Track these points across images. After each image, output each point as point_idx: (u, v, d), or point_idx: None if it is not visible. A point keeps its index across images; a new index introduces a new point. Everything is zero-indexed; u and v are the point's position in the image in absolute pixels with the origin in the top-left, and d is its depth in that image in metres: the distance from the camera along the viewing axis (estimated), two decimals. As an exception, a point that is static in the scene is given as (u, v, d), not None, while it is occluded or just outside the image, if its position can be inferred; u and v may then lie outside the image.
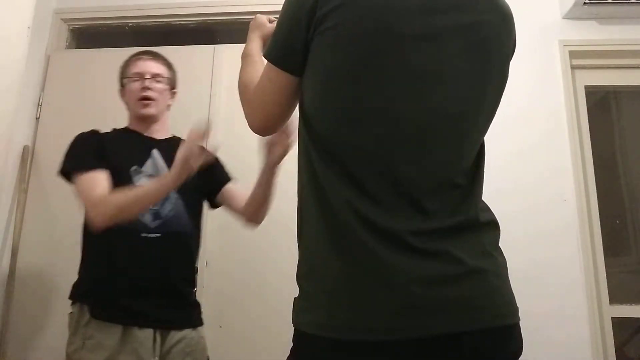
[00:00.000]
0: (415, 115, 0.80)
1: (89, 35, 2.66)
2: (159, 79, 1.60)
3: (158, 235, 1.45)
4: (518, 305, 0.87)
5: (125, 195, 1.36)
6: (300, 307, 0.84)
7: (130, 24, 2.60)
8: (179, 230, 1.52)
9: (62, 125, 2.37)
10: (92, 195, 1.39)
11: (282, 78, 0.88)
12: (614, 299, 2.10)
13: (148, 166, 1.53)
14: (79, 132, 1.59)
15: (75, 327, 1.41)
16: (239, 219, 1.66)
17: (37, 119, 2.40)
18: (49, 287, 2.17)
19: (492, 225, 0.89)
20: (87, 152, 1.51)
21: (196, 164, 1.31)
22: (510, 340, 0.83)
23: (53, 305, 2.15)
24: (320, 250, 0.80)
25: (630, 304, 2.12)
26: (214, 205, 1.72)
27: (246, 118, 0.97)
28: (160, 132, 1.63)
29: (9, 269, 2.17)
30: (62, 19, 2.57)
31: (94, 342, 1.36)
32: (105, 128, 2.31)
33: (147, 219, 1.45)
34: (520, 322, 0.96)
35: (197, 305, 1.59)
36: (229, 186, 1.68)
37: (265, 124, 0.95)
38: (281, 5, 0.90)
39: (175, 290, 1.50)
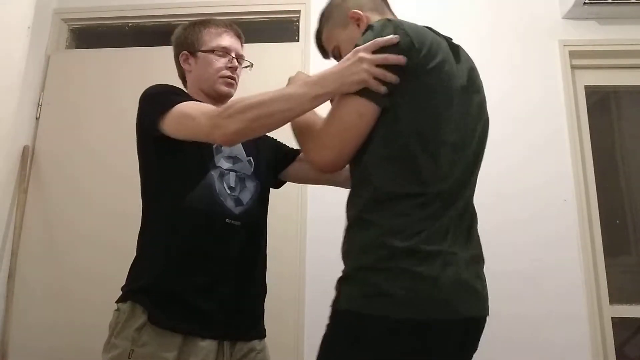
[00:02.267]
0: (465, 145, 1.02)
1: (89, 35, 2.66)
2: (241, 60, 1.46)
3: (239, 223, 1.29)
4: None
5: (267, 97, 1.08)
6: (369, 292, 0.89)
7: (130, 24, 2.61)
8: (258, 221, 1.38)
9: (62, 125, 2.38)
10: (205, 108, 1.17)
11: (372, 110, 0.97)
12: (614, 299, 2.10)
13: (227, 147, 1.35)
14: (147, 88, 1.33)
15: (122, 327, 1.19)
16: (324, 182, 1.48)
17: (37, 119, 2.40)
18: (49, 287, 2.18)
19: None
20: (173, 90, 1.31)
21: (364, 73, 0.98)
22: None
23: (53, 305, 2.15)
24: (400, 243, 0.91)
25: (630, 304, 2.12)
26: (280, 183, 1.57)
27: (310, 153, 1.03)
28: None
29: (9, 269, 2.17)
30: (62, 19, 2.57)
31: (146, 351, 1.15)
32: (105, 128, 2.34)
33: (230, 204, 1.29)
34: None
35: (263, 313, 1.40)
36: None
37: (338, 157, 1.00)
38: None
39: (251, 291, 1.33)
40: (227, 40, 1.42)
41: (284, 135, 1.35)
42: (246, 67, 1.51)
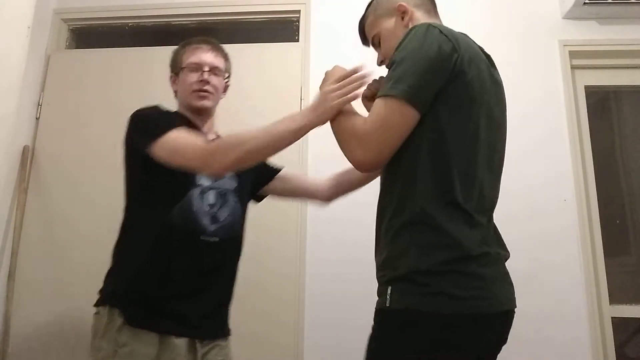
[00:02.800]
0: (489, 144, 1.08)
1: (89, 35, 2.66)
2: (217, 72, 1.51)
3: (216, 239, 1.38)
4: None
5: (251, 135, 1.19)
6: (426, 292, 0.94)
7: (130, 24, 2.61)
8: (235, 236, 1.46)
9: (62, 125, 2.38)
10: (198, 143, 1.24)
11: (413, 115, 1.00)
12: (614, 299, 2.10)
13: None
14: (138, 109, 1.41)
15: (104, 330, 1.29)
16: (304, 198, 1.60)
17: (37, 119, 2.40)
18: (49, 287, 2.18)
19: None
20: (164, 115, 1.39)
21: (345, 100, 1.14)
22: None
23: (53, 305, 2.15)
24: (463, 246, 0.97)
25: (630, 304, 2.12)
26: (260, 198, 1.64)
27: (352, 152, 1.04)
28: (211, 131, 1.53)
29: (9, 269, 2.17)
30: (62, 19, 2.57)
31: (128, 350, 1.25)
32: (105, 128, 2.34)
33: (206, 221, 1.37)
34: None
35: (229, 315, 1.51)
36: (285, 171, 1.60)
37: (380, 157, 1.02)
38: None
39: (221, 298, 1.44)
40: (197, 55, 1.50)
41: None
42: (226, 78, 1.56)
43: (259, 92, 2.32)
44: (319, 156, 2.17)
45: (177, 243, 1.33)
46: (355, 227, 2.09)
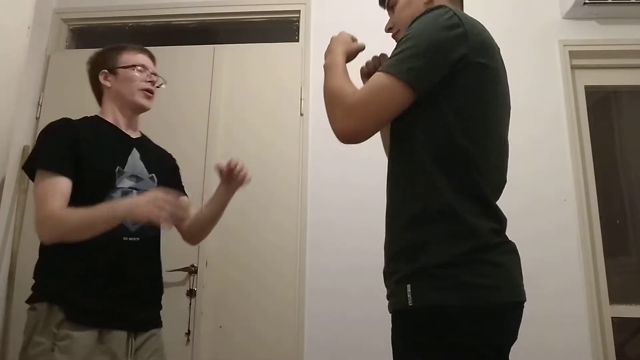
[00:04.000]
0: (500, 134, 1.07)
1: (89, 35, 2.66)
2: (156, 78, 1.61)
3: (137, 239, 1.43)
4: None
5: (77, 218, 1.31)
6: (447, 285, 0.92)
7: (130, 24, 2.61)
8: (154, 234, 1.52)
9: (62, 125, 2.38)
10: (46, 206, 1.34)
11: (408, 95, 0.98)
12: (614, 299, 2.10)
13: (129, 167, 1.48)
14: (50, 122, 1.51)
15: (43, 325, 1.32)
16: (179, 232, 1.64)
17: (37, 119, 2.40)
18: (49, 287, 2.17)
19: None
20: (58, 148, 1.42)
21: (154, 221, 1.28)
22: None
23: (53, 305, 2.15)
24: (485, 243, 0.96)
25: (630, 304, 2.12)
26: None
27: (336, 121, 1.02)
28: (136, 130, 1.60)
29: (8, 269, 2.17)
30: (62, 19, 2.58)
31: (68, 342, 1.29)
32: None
33: (128, 222, 1.41)
34: (521, 322, 1.00)
35: (161, 307, 1.56)
36: (183, 198, 1.63)
37: (363, 130, 1.00)
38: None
39: (149, 293, 1.50)
40: (142, 58, 1.58)
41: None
42: (159, 85, 1.62)
43: (259, 92, 2.32)
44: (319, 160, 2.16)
45: (99, 247, 1.36)
46: (359, 219, 2.10)
